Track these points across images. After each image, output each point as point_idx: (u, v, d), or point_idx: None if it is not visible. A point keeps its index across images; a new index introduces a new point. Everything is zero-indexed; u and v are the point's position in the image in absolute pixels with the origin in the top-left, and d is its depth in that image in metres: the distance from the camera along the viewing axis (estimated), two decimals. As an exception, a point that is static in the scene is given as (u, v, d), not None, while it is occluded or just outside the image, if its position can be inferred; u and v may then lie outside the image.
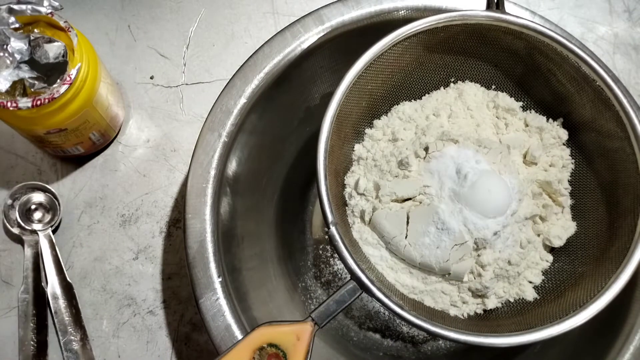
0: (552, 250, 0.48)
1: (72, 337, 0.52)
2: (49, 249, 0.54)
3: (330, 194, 0.41)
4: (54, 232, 0.55)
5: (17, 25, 0.47)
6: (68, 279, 0.54)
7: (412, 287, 0.45)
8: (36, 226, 0.55)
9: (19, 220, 0.55)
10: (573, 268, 0.46)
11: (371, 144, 0.49)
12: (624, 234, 0.43)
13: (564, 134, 0.49)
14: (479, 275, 0.45)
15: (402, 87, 0.50)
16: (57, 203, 0.56)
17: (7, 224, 0.55)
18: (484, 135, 0.48)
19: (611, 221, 0.45)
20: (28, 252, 0.54)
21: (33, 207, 0.56)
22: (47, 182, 0.57)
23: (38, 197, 0.56)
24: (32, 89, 0.47)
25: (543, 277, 0.47)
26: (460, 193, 0.44)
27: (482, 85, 0.51)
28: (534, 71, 0.49)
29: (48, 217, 0.55)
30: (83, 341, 0.52)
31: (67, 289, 0.54)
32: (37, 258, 0.54)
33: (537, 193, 0.47)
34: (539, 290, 0.46)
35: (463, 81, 0.51)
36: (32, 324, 0.52)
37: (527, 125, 0.50)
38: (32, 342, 0.52)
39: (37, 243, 0.54)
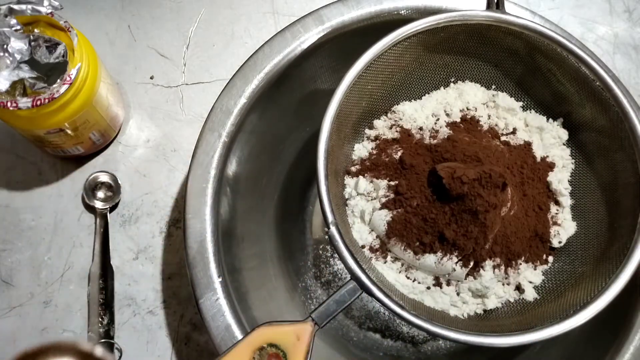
0: (552, 250, 0.48)
1: (100, 319, 0.53)
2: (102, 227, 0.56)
3: (330, 194, 0.41)
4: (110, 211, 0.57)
5: (17, 27, 0.47)
6: (111, 261, 0.55)
7: (412, 287, 0.45)
8: (98, 203, 0.57)
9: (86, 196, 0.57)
10: (573, 268, 0.46)
11: (371, 144, 0.49)
12: (624, 234, 0.43)
13: (564, 134, 0.49)
14: (479, 275, 0.45)
15: (402, 87, 0.50)
16: (118, 184, 0.57)
17: (86, 198, 0.57)
18: (484, 135, 0.48)
19: (611, 221, 0.45)
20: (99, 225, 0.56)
21: (98, 185, 0.57)
22: (47, 182, 0.58)
23: (104, 177, 0.58)
24: (32, 89, 0.47)
25: (543, 277, 0.47)
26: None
27: (482, 85, 0.51)
28: (534, 71, 0.49)
29: (110, 196, 0.57)
30: (108, 326, 0.53)
31: (108, 270, 0.54)
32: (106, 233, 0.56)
33: (537, 193, 0.47)
34: (539, 290, 0.46)
35: (463, 81, 0.51)
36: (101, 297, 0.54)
37: (527, 125, 0.50)
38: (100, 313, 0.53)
39: (105, 216, 0.56)
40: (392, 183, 0.45)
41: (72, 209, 0.57)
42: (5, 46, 0.46)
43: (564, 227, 0.47)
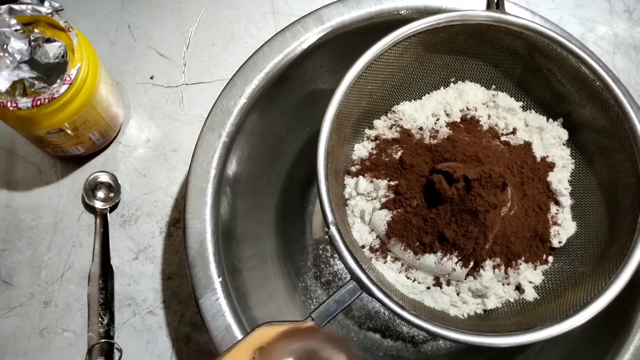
0: (552, 250, 0.48)
1: (100, 319, 0.52)
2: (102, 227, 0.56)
3: (330, 194, 0.41)
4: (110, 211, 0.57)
5: (17, 27, 0.47)
6: (111, 261, 0.55)
7: (412, 287, 0.45)
8: (98, 203, 0.57)
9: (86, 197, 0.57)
10: (573, 268, 0.46)
11: (371, 144, 0.49)
12: (624, 234, 0.43)
13: (564, 134, 0.49)
14: (479, 275, 0.45)
15: (402, 87, 0.50)
16: (118, 184, 0.57)
17: (86, 198, 0.57)
18: (484, 135, 0.48)
19: (611, 221, 0.45)
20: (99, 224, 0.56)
21: (98, 185, 0.58)
22: (47, 182, 0.58)
23: (104, 177, 0.58)
24: (32, 89, 0.47)
25: (543, 277, 0.47)
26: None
27: (482, 85, 0.51)
28: (534, 71, 0.49)
29: (110, 196, 0.57)
30: (108, 326, 0.53)
31: (108, 270, 0.54)
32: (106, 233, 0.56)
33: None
34: (539, 290, 0.46)
35: (463, 81, 0.51)
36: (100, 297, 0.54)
37: (527, 125, 0.50)
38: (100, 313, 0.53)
39: (105, 216, 0.56)
40: (392, 183, 0.45)
41: (72, 209, 0.57)
42: (5, 46, 0.46)
43: (564, 227, 0.47)
